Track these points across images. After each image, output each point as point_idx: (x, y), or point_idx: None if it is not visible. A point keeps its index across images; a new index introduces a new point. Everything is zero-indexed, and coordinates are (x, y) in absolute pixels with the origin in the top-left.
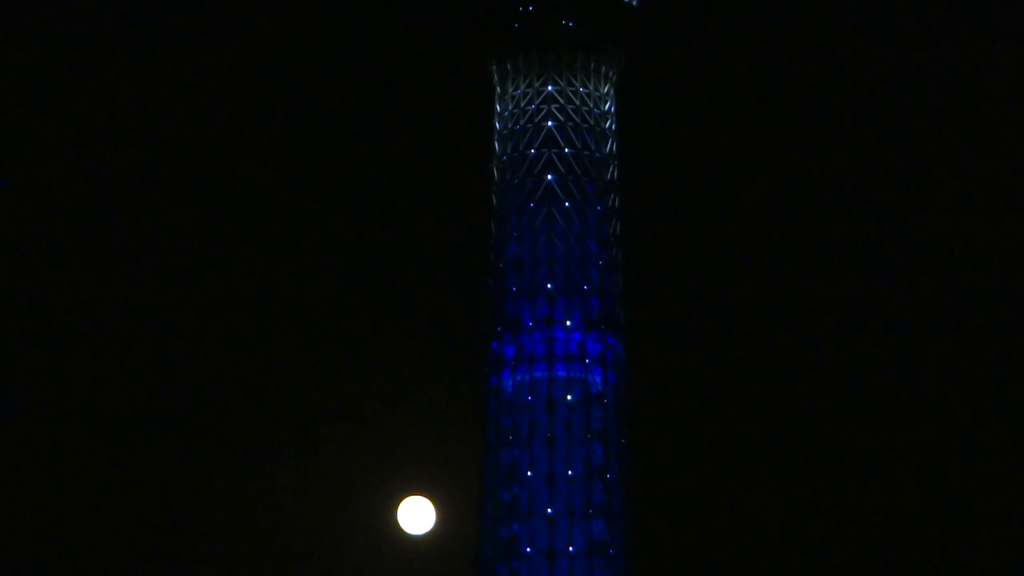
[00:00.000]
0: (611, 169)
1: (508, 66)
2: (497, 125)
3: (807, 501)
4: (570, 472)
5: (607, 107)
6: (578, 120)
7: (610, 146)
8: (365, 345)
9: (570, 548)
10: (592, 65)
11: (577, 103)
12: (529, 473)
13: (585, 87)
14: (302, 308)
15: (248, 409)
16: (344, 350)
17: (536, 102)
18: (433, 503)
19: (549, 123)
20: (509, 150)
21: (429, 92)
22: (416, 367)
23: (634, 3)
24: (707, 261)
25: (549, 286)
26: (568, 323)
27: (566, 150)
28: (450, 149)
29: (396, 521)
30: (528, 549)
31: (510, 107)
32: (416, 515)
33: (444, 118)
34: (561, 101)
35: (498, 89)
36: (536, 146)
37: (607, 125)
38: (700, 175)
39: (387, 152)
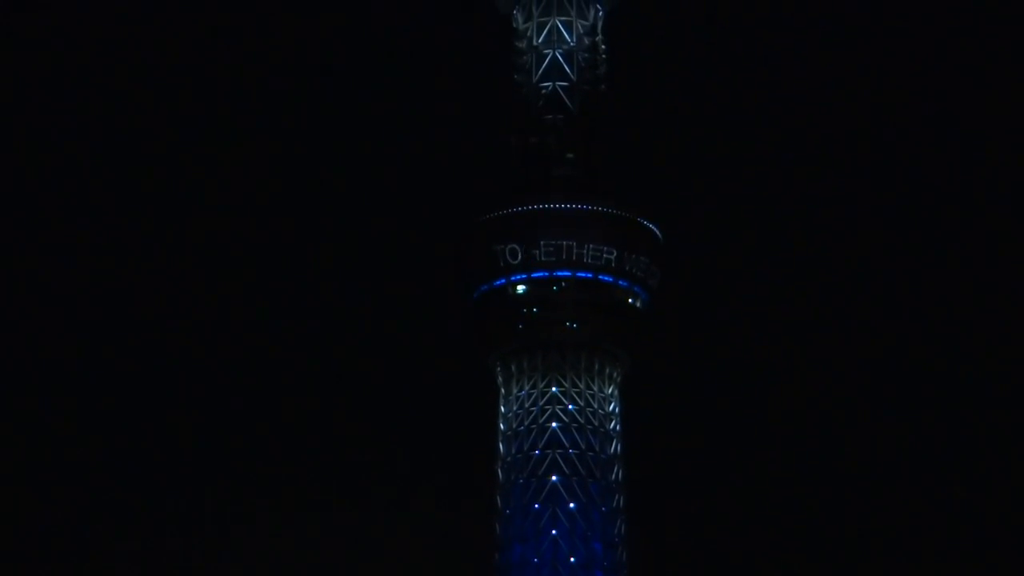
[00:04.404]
0: (616, 470)
1: (512, 367)
2: (501, 426)
3: None
4: None
5: (611, 408)
6: (582, 421)
7: (614, 447)
8: None
9: None
10: (596, 366)
11: (581, 404)
12: None
13: (589, 388)
14: None
15: None
16: None
17: (540, 403)
18: None
19: (554, 424)
20: (514, 451)
21: (433, 394)
22: None
23: (638, 305)
24: (713, 558)
25: None
26: None
27: (571, 451)
28: (454, 450)
29: None
30: None
31: (514, 408)
32: None
33: (448, 419)
34: (565, 402)
35: (502, 390)
36: (541, 447)
37: (611, 426)
38: (706, 477)
39: (393, 451)
